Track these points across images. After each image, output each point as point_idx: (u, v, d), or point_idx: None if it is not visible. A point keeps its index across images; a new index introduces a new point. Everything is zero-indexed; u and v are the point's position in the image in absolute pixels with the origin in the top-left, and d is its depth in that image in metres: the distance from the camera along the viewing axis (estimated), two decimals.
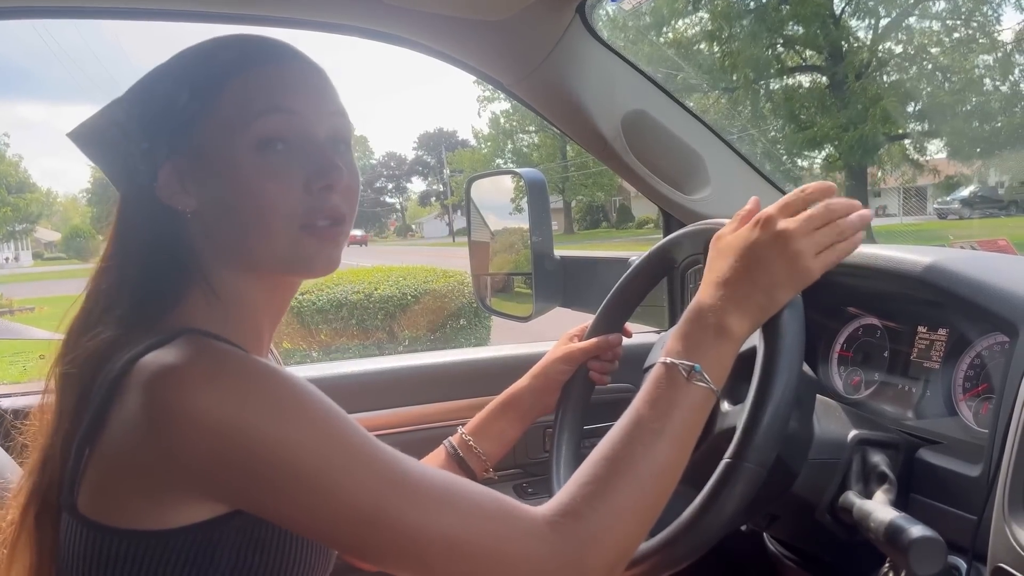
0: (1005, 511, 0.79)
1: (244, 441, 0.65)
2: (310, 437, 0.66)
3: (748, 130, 18.01)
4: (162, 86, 0.79)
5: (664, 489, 0.76)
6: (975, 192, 21.27)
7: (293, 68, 0.79)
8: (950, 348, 1.05)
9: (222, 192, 0.76)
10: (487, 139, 38.16)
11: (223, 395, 0.65)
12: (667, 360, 0.79)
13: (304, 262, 0.79)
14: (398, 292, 6.97)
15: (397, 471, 0.69)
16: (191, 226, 0.79)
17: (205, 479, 0.67)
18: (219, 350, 0.70)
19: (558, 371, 1.12)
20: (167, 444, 0.66)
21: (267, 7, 1.19)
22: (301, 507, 0.67)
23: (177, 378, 0.66)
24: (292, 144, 0.76)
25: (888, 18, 18.83)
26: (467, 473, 1.08)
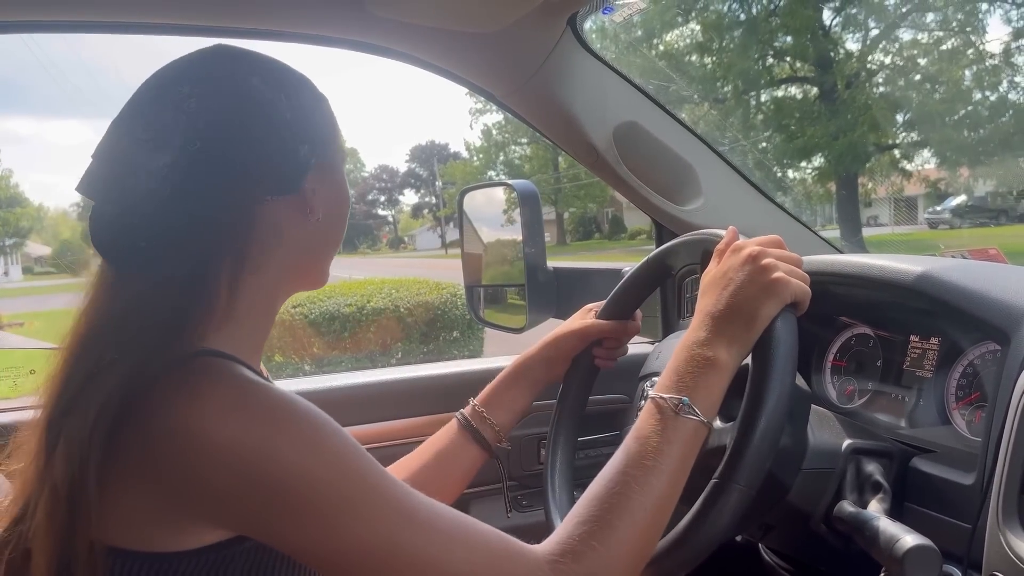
0: (999, 519, 0.79)
1: (265, 472, 0.65)
2: (329, 470, 0.67)
3: (739, 141, 18.10)
4: (305, 96, 0.82)
5: (659, 523, 0.77)
6: (965, 202, 21.39)
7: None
8: (942, 357, 1.05)
9: (332, 207, 0.84)
10: (479, 151, 38.25)
11: (247, 425, 0.65)
12: (656, 396, 0.81)
13: (325, 276, 0.89)
14: (391, 304, 6.96)
15: (409, 508, 0.69)
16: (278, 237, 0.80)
17: (220, 506, 0.67)
18: (242, 378, 0.70)
19: (570, 345, 1.14)
20: (186, 469, 0.65)
21: (257, 20, 1.19)
22: (313, 539, 0.67)
23: (198, 404, 0.66)
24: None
25: (877, 29, 18.99)
26: (480, 444, 1.08)
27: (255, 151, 0.76)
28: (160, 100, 0.75)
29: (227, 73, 0.77)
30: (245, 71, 0.78)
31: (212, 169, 0.74)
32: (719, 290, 0.85)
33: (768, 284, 0.83)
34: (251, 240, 0.77)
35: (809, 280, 0.86)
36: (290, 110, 0.78)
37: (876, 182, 20.42)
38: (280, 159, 0.77)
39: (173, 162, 0.72)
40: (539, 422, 1.37)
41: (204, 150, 0.73)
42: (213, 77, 0.77)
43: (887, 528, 0.82)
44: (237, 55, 0.80)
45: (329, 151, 0.82)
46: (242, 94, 0.76)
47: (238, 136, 0.75)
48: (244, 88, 0.77)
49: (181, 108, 0.74)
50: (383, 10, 1.12)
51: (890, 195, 22.48)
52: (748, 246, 0.87)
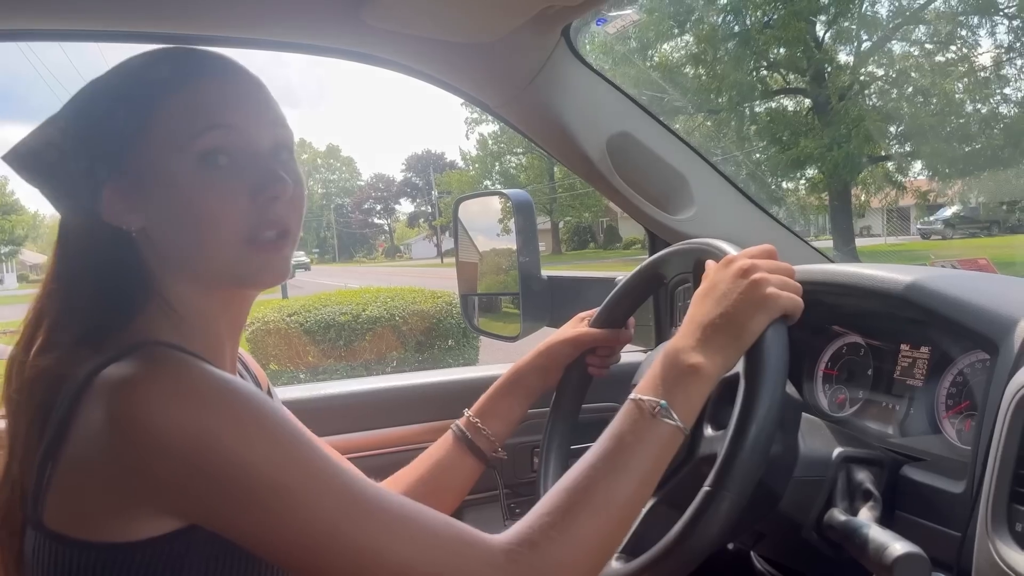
0: (988, 528, 0.80)
1: (205, 455, 0.65)
2: (270, 455, 0.66)
3: (732, 152, 18.17)
4: (98, 104, 0.78)
5: (624, 522, 0.77)
6: (958, 213, 21.50)
7: (231, 82, 0.79)
8: (933, 366, 1.06)
9: (167, 209, 0.76)
10: (475, 160, 38.34)
11: (186, 408, 0.65)
12: (636, 397, 0.81)
13: (252, 276, 0.80)
14: (386, 313, 6.95)
15: (355, 495, 0.68)
16: (140, 243, 0.78)
17: (166, 492, 0.66)
18: (182, 362, 0.70)
19: (563, 353, 1.14)
20: (130, 456, 0.65)
21: (253, 30, 1.20)
22: (256, 525, 0.66)
23: (140, 391, 0.66)
24: (235, 157, 0.76)
25: (869, 42, 19.10)
26: (476, 455, 1.08)
27: (100, 136, 0.78)
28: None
29: (118, 66, 0.82)
30: (125, 62, 0.82)
31: (77, 157, 0.78)
32: (709, 301, 0.85)
33: (758, 298, 0.83)
34: (129, 224, 0.78)
35: (801, 291, 0.86)
36: (132, 91, 0.78)
37: (869, 193, 20.52)
38: (75, 182, 0.78)
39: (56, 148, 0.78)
40: (533, 430, 1.37)
41: (67, 136, 0.78)
42: (113, 70, 0.82)
43: (877, 536, 0.82)
44: (146, 51, 0.83)
45: (139, 154, 0.77)
46: (101, 82, 0.81)
47: (89, 123, 0.79)
48: (106, 77, 0.81)
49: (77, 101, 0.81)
50: (378, 20, 1.12)
51: (883, 206, 22.59)
52: (739, 259, 0.87)
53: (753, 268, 0.85)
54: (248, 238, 0.77)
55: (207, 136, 0.75)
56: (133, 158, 0.76)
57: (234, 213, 0.76)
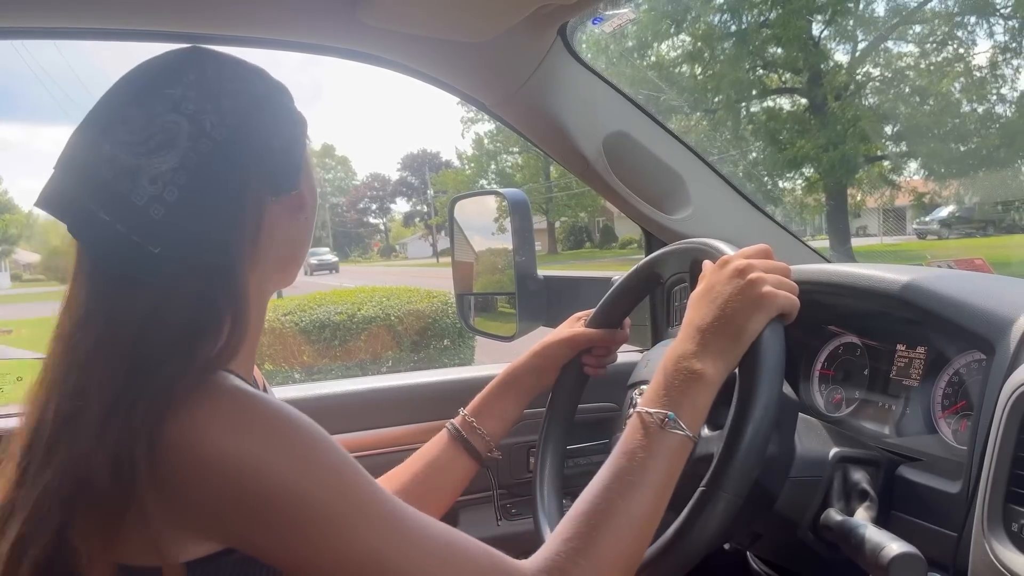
0: (984, 528, 0.80)
1: (256, 485, 0.64)
2: (320, 486, 0.66)
3: (729, 152, 18.19)
4: (262, 115, 0.76)
5: (645, 537, 0.77)
6: (953, 213, 21.55)
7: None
8: (929, 366, 1.06)
9: (307, 218, 0.83)
10: (471, 160, 38.34)
11: (238, 436, 0.65)
12: (642, 410, 0.81)
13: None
14: (381, 313, 6.95)
15: (401, 524, 0.69)
16: (257, 252, 0.76)
17: (211, 519, 0.66)
18: (237, 391, 0.69)
19: (560, 354, 1.14)
20: (180, 482, 0.64)
21: (249, 28, 1.20)
22: (301, 554, 0.66)
23: (197, 419, 0.65)
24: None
25: (866, 41, 19.13)
26: (471, 454, 1.08)
27: (263, 151, 0.75)
28: (147, 103, 0.71)
29: (220, 74, 0.75)
30: (238, 71, 0.77)
31: (224, 170, 0.71)
32: (706, 304, 0.85)
33: (755, 298, 0.83)
34: (259, 242, 0.75)
35: (798, 291, 0.86)
36: (286, 108, 0.79)
37: (865, 193, 20.56)
38: (283, 158, 0.78)
39: (180, 165, 0.69)
40: (528, 430, 1.37)
41: (214, 152, 0.71)
42: (207, 78, 0.74)
43: (873, 536, 0.82)
44: (219, 56, 0.77)
45: (306, 147, 0.83)
46: (243, 93, 0.75)
47: (247, 136, 0.73)
48: (244, 87, 0.75)
49: (179, 110, 0.71)
50: (374, 19, 1.12)
51: (879, 206, 22.63)
52: (735, 259, 0.87)
53: (749, 268, 0.85)
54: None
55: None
56: (306, 149, 0.83)
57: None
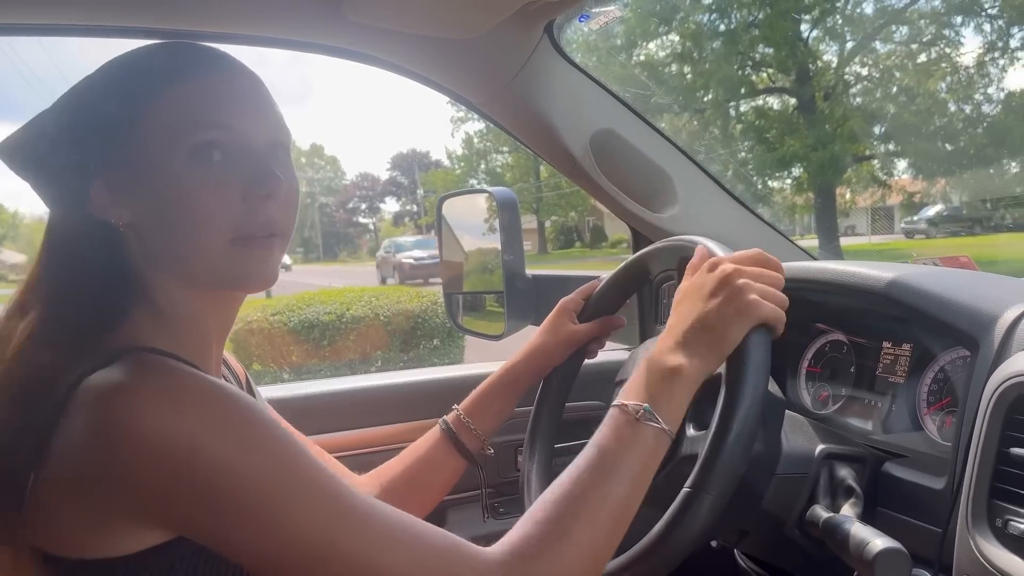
0: (969, 523, 0.80)
1: (195, 464, 0.63)
2: (262, 464, 0.65)
3: (718, 151, 18.25)
4: (93, 96, 0.76)
5: (617, 529, 0.76)
6: (941, 212, 21.67)
7: (230, 80, 0.77)
8: (914, 362, 1.06)
9: (157, 204, 0.74)
10: (460, 159, 38.32)
11: (174, 416, 0.63)
12: (619, 403, 0.80)
13: (240, 277, 0.77)
14: (370, 312, 6.93)
15: (349, 504, 0.67)
16: (128, 241, 0.76)
17: (153, 503, 0.64)
18: (170, 368, 0.68)
19: (559, 354, 1.13)
20: (115, 466, 0.63)
21: (234, 25, 1.19)
22: (247, 536, 0.65)
23: (126, 398, 0.64)
24: (229, 154, 0.75)
25: (854, 41, 19.22)
26: (462, 453, 1.08)
27: (101, 132, 0.76)
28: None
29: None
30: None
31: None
32: (691, 304, 0.85)
33: (741, 306, 0.82)
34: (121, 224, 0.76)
35: (787, 303, 0.85)
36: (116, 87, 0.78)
37: (854, 192, 20.66)
38: (65, 175, 0.76)
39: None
40: (516, 428, 1.36)
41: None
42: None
43: (858, 532, 0.82)
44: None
45: (132, 147, 0.75)
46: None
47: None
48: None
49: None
50: (360, 16, 1.11)
51: (868, 205, 22.75)
52: (724, 263, 0.87)
53: (737, 273, 0.84)
54: (235, 238, 0.75)
55: (202, 132, 0.73)
56: (124, 150, 0.74)
57: (225, 210, 0.74)
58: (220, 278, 0.77)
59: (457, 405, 1.11)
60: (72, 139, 0.75)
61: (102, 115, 0.75)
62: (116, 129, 0.74)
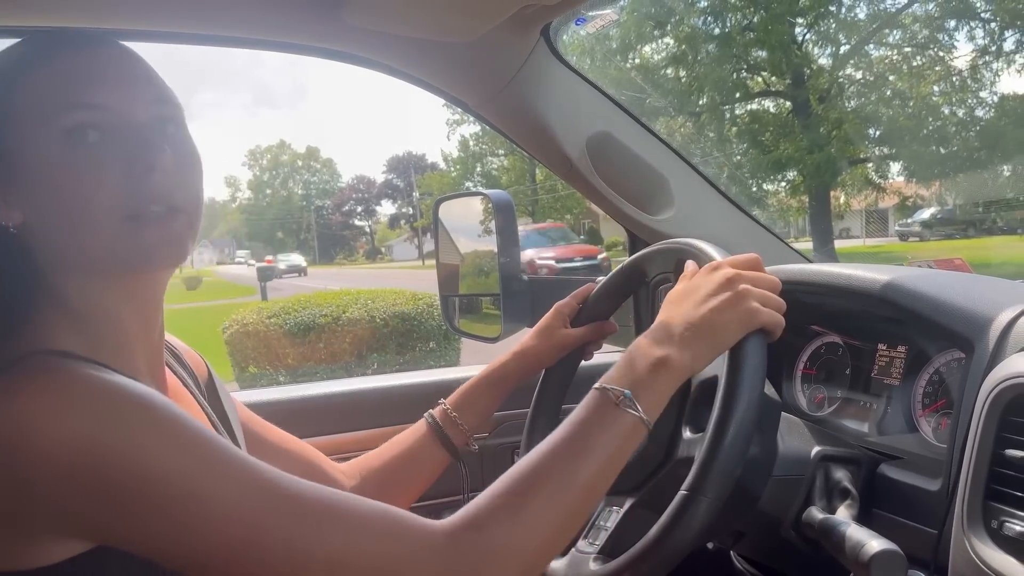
0: (964, 525, 0.80)
1: (99, 468, 0.60)
2: (167, 457, 0.61)
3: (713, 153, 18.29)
4: None
5: (579, 510, 0.73)
6: (935, 214, 21.77)
7: (101, 57, 0.74)
8: (909, 364, 1.06)
9: (39, 195, 0.71)
10: (456, 162, 38.32)
11: (70, 420, 0.60)
12: (600, 386, 0.79)
13: (139, 257, 0.73)
14: (366, 315, 6.92)
15: (274, 490, 0.64)
16: (25, 241, 0.73)
17: (62, 513, 0.61)
18: (65, 370, 0.65)
19: (548, 356, 1.13)
20: (14, 480, 0.60)
21: (232, 28, 1.19)
22: (170, 538, 0.62)
23: (17, 406, 0.61)
24: (106, 132, 0.71)
25: (848, 45, 19.30)
26: (447, 447, 1.07)
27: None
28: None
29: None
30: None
31: None
32: (688, 304, 0.84)
33: (741, 311, 0.82)
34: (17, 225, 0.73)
35: (784, 308, 0.85)
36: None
37: (848, 195, 20.73)
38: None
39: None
40: (513, 431, 1.37)
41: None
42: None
43: (854, 533, 0.83)
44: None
45: (2, 140, 0.72)
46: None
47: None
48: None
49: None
50: (358, 19, 1.12)
51: (862, 208, 22.82)
52: (724, 267, 0.86)
53: (738, 279, 0.84)
54: (128, 215, 0.71)
55: (73, 114, 0.70)
56: (1, 149, 0.71)
57: (107, 188, 0.70)
58: (119, 260, 0.73)
59: (444, 399, 1.11)
60: None
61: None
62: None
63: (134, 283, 0.77)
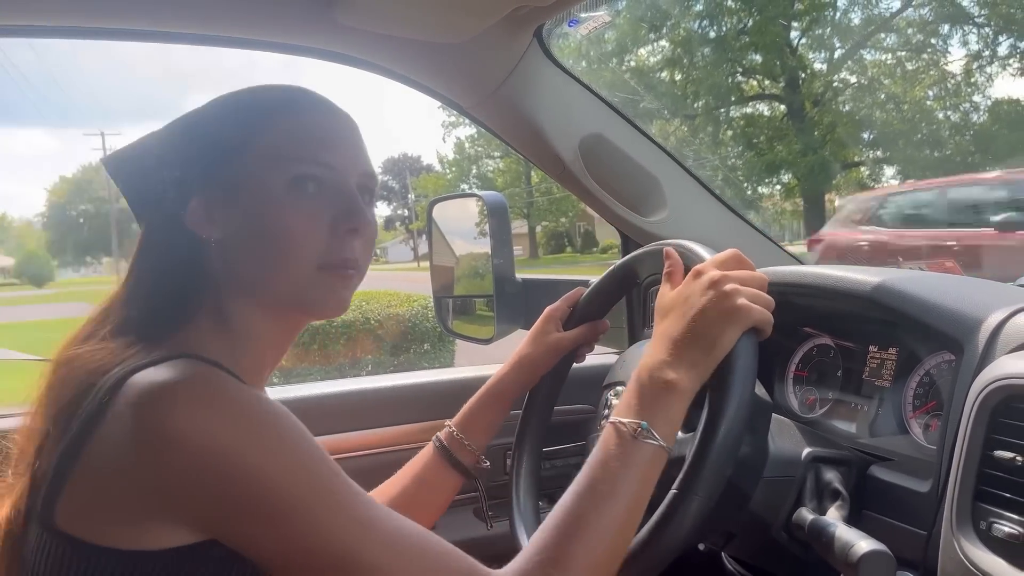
0: (953, 526, 0.81)
1: (228, 469, 0.65)
2: (294, 474, 0.67)
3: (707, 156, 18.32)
4: (205, 123, 0.83)
5: (620, 546, 0.77)
6: None
7: (334, 122, 0.84)
8: (900, 366, 1.07)
9: (251, 226, 0.79)
10: (452, 164, 38.29)
11: (212, 421, 0.66)
12: (616, 420, 0.80)
13: (318, 302, 0.82)
14: (361, 316, 6.91)
15: (371, 520, 0.69)
16: (213, 255, 0.80)
17: (184, 503, 0.66)
18: (214, 376, 0.70)
19: (544, 363, 1.14)
20: (151, 464, 0.66)
21: (226, 27, 1.19)
22: (276, 543, 0.67)
23: (167, 399, 0.66)
24: (324, 187, 0.80)
25: (843, 49, 19.36)
26: (458, 469, 1.09)
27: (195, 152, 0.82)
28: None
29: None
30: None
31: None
32: (679, 314, 0.85)
33: (730, 311, 0.82)
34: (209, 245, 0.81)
35: (773, 305, 0.85)
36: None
37: (843, 198, 20.78)
38: (165, 189, 0.81)
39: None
40: (505, 432, 1.36)
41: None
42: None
43: (843, 534, 0.83)
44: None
45: (235, 170, 0.80)
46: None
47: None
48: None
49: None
50: (351, 19, 1.12)
51: None
52: (709, 270, 0.86)
53: (724, 279, 0.84)
54: (320, 265, 0.80)
55: (304, 166, 0.79)
56: (227, 173, 0.80)
57: (314, 237, 0.79)
58: (300, 301, 0.81)
59: (449, 421, 1.12)
60: (178, 158, 0.81)
61: (212, 140, 0.81)
62: (223, 154, 0.80)
63: (294, 322, 0.86)
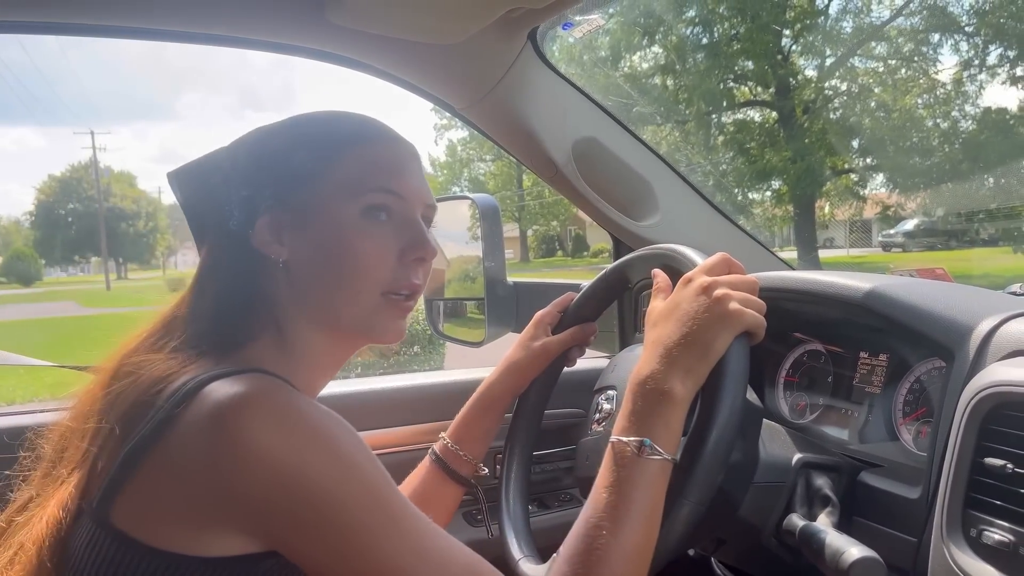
0: (943, 533, 0.81)
1: (298, 485, 0.66)
2: (360, 494, 0.68)
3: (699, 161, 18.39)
4: (278, 144, 0.84)
5: (642, 565, 0.76)
6: (918, 225, 21.93)
7: (403, 151, 0.86)
8: (891, 373, 1.07)
9: (320, 250, 0.81)
10: (444, 167, 38.26)
11: (287, 437, 0.67)
12: (617, 440, 0.80)
13: (378, 328, 0.84)
14: None
15: (427, 544, 0.71)
16: (277, 275, 0.83)
17: (253, 515, 0.67)
18: (289, 393, 0.71)
19: (534, 367, 1.14)
20: (226, 473, 0.66)
21: (218, 26, 1.18)
22: (335, 561, 0.68)
23: (249, 412, 0.67)
24: (394, 217, 0.83)
25: (833, 57, 19.46)
26: (455, 478, 1.10)
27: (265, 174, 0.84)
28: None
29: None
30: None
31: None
32: (672, 321, 0.84)
33: (722, 315, 0.82)
34: (275, 260, 0.83)
35: (764, 309, 0.85)
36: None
37: (833, 205, 20.89)
38: (231, 207, 0.83)
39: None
40: (499, 435, 1.36)
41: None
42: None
43: (834, 541, 0.83)
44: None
45: (307, 193, 0.82)
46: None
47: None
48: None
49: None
50: (343, 19, 1.11)
51: (846, 218, 23.00)
52: (699, 276, 0.86)
53: (715, 285, 0.84)
54: (385, 291, 0.82)
55: (377, 195, 0.82)
56: (299, 196, 0.82)
57: (382, 264, 0.82)
58: (362, 326, 0.84)
59: (444, 433, 1.12)
60: (247, 177, 0.83)
61: (283, 165, 0.83)
62: (296, 176, 0.82)
63: (351, 346, 0.88)
